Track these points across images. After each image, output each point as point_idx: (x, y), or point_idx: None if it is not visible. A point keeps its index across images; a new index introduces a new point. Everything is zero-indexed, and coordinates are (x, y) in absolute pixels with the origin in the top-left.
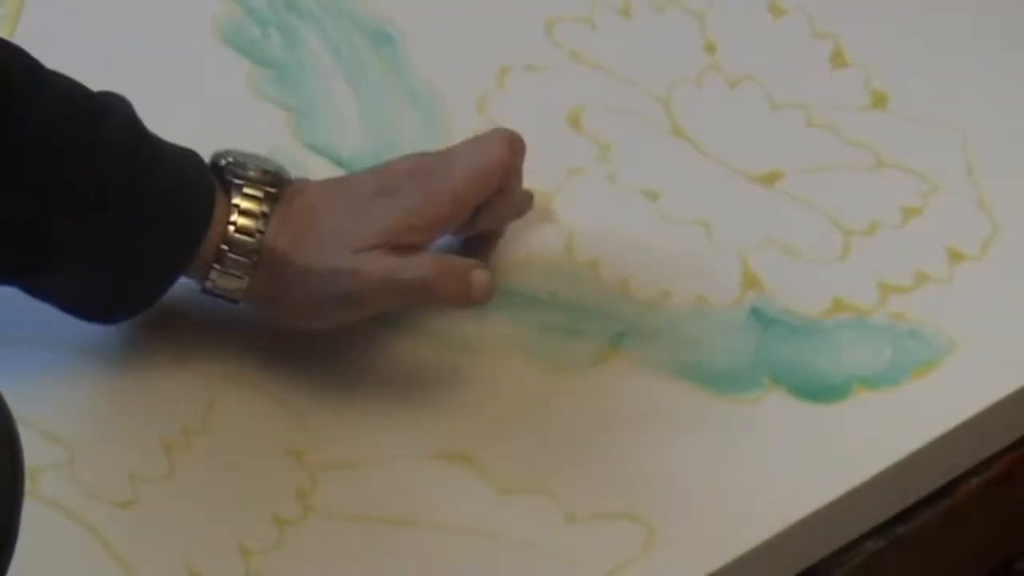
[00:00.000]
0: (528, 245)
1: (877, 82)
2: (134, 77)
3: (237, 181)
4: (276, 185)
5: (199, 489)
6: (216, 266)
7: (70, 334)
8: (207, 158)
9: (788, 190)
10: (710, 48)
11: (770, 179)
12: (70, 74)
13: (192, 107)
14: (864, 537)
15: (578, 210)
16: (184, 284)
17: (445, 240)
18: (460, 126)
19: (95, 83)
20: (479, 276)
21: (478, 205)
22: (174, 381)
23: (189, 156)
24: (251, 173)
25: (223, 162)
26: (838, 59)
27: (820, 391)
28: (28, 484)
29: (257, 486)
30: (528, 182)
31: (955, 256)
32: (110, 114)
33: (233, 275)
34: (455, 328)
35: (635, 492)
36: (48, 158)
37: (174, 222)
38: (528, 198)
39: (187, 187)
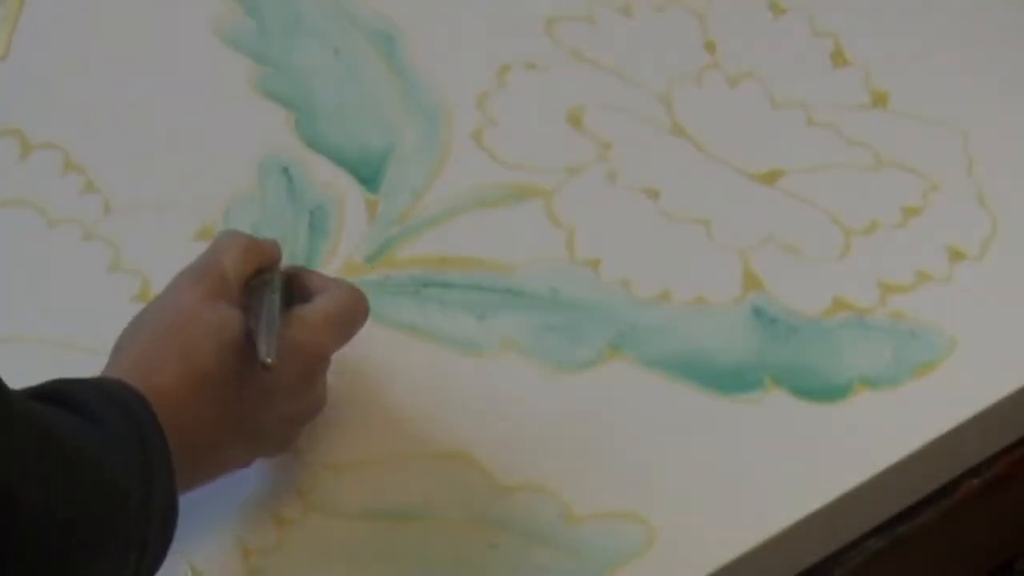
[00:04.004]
0: (528, 245)
1: (877, 81)
2: (134, 77)
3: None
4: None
5: (200, 488)
6: None
7: (71, 334)
8: (208, 161)
9: (788, 189)
10: (710, 47)
11: (770, 178)
12: (70, 75)
13: (192, 107)
14: (865, 537)
15: (578, 209)
16: None
17: None
18: (460, 124)
19: (94, 83)
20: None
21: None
22: None
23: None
24: None
25: None
26: (838, 58)
27: (820, 391)
28: None
29: (258, 485)
30: (528, 181)
31: (955, 255)
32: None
33: None
34: (455, 328)
35: (635, 492)
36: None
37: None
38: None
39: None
